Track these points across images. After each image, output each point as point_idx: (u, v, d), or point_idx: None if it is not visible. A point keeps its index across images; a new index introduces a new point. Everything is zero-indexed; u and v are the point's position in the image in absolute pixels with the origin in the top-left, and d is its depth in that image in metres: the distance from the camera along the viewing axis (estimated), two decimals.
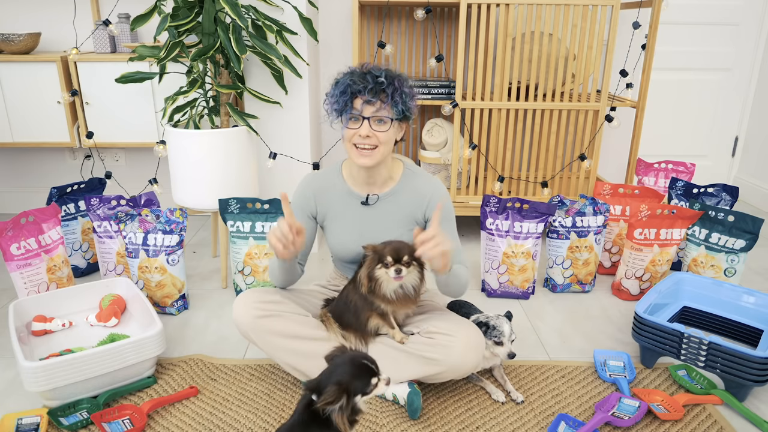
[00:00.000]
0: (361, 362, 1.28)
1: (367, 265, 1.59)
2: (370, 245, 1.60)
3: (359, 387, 1.25)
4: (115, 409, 1.61)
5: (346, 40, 3.09)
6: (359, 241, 1.68)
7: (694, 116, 3.54)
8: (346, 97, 1.57)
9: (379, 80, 1.55)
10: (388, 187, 1.73)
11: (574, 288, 2.40)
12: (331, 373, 1.25)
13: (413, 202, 1.72)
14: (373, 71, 1.57)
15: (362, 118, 1.58)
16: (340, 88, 1.58)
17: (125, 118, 2.74)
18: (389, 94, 1.56)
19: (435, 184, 1.74)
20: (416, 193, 1.72)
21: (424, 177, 1.75)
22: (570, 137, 2.81)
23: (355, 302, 1.65)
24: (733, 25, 3.38)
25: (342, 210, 1.74)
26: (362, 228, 1.72)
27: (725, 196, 2.56)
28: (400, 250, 1.56)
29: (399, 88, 1.58)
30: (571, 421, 1.58)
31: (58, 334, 1.96)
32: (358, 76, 1.57)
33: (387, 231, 1.69)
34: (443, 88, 2.76)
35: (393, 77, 1.58)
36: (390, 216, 1.72)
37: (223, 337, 2.05)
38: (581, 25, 2.58)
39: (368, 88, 1.54)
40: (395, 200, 1.72)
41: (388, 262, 1.55)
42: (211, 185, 2.32)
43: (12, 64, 2.67)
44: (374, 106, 1.57)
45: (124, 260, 2.31)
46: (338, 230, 1.75)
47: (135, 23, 2.21)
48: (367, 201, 1.72)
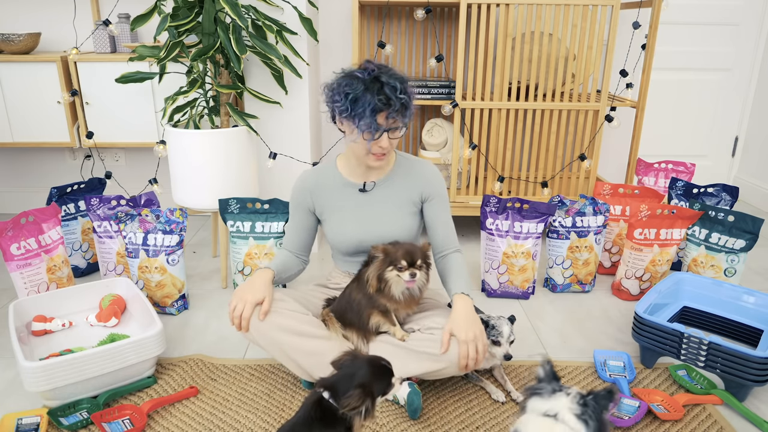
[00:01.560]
0: (380, 364, 1.30)
1: (377, 267, 1.60)
2: (380, 246, 1.61)
3: (381, 388, 1.28)
4: (115, 409, 1.61)
5: (346, 40, 3.09)
6: (359, 229, 1.73)
7: (694, 116, 3.54)
8: (374, 117, 1.57)
9: (399, 96, 1.57)
10: (384, 173, 1.78)
11: (574, 288, 2.40)
12: (351, 376, 1.26)
13: (409, 184, 1.77)
14: (387, 81, 1.57)
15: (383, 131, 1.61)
16: (368, 107, 1.55)
17: (125, 118, 2.74)
18: (407, 106, 1.62)
19: (426, 164, 1.81)
20: (411, 175, 1.78)
21: (415, 160, 1.82)
22: (570, 137, 2.81)
23: (358, 301, 1.65)
24: (733, 25, 3.38)
25: (340, 201, 1.77)
26: (361, 215, 1.76)
27: (725, 196, 2.56)
28: (414, 254, 1.58)
29: (411, 97, 1.63)
30: None
31: (58, 334, 1.96)
32: (377, 91, 1.56)
33: (386, 216, 1.74)
34: (443, 88, 2.77)
35: (405, 87, 1.60)
36: (388, 201, 1.76)
37: (223, 337, 2.05)
38: (581, 25, 2.58)
39: (396, 108, 1.57)
40: (391, 184, 1.77)
41: (402, 266, 1.56)
42: (211, 185, 2.32)
43: (12, 64, 2.67)
44: (393, 120, 1.61)
45: (124, 260, 2.31)
46: (338, 221, 1.78)
47: (135, 23, 2.21)
48: (364, 188, 1.76)
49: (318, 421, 1.23)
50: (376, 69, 1.60)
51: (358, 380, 1.24)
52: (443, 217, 1.79)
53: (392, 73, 1.60)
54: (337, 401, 1.23)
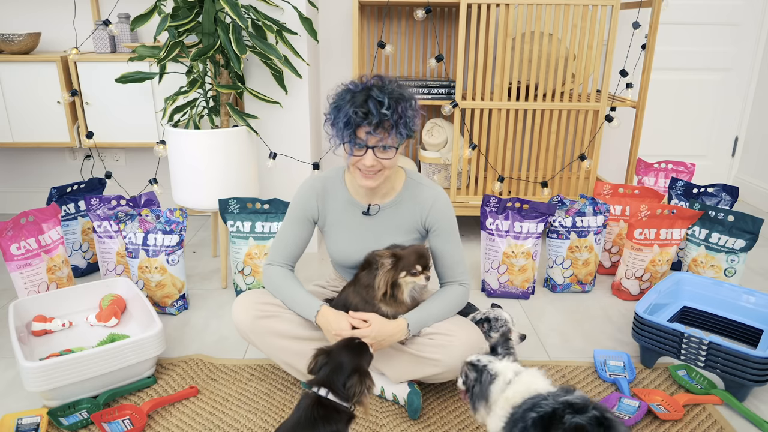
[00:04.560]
0: (354, 343, 1.37)
1: (390, 273, 1.56)
2: (387, 251, 1.57)
3: (368, 362, 1.38)
4: (115, 409, 1.61)
5: (346, 40, 3.09)
6: (359, 251, 1.67)
7: (694, 116, 3.54)
8: (350, 129, 1.48)
9: (383, 112, 1.46)
10: (390, 198, 1.69)
11: (574, 288, 2.40)
12: (339, 367, 1.30)
13: (414, 211, 1.69)
14: (375, 96, 1.46)
15: (366, 147, 1.51)
16: (342, 119, 1.48)
17: (125, 118, 2.74)
18: (393, 123, 1.48)
19: (436, 192, 1.69)
20: (417, 203, 1.68)
21: (425, 186, 1.70)
22: (570, 137, 2.81)
23: (356, 304, 1.65)
24: (733, 25, 3.38)
25: (343, 217, 1.71)
26: (363, 237, 1.70)
27: (725, 196, 2.56)
28: (426, 257, 1.58)
29: (403, 115, 1.50)
30: None
31: (58, 334, 1.96)
32: (359, 104, 1.46)
33: (388, 241, 1.66)
34: (443, 88, 2.76)
35: (397, 102, 1.48)
36: (391, 226, 1.69)
37: (223, 337, 2.05)
38: (581, 25, 2.58)
39: (373, 122, 1.46)
40: (397, 210, 1.69)
41: (416, 271, 1.56)
42: (211, 185, 2.32)
43: (12, 64, 2.67)
44: (378, 136, 1.49)
45: (124, 260, 2.30)
46: (338, 238, 1.73)
47: (135, 23, 2.21)
48: (368, 211, 1.69)
49: (321, 419, 1.24)
50: (374, 81, 1.51)
51: (349, 367, 1.29)
52: (448, 249, 1.69)
53: (388, 89, 1.49)
54: (337, 395, 1.27)
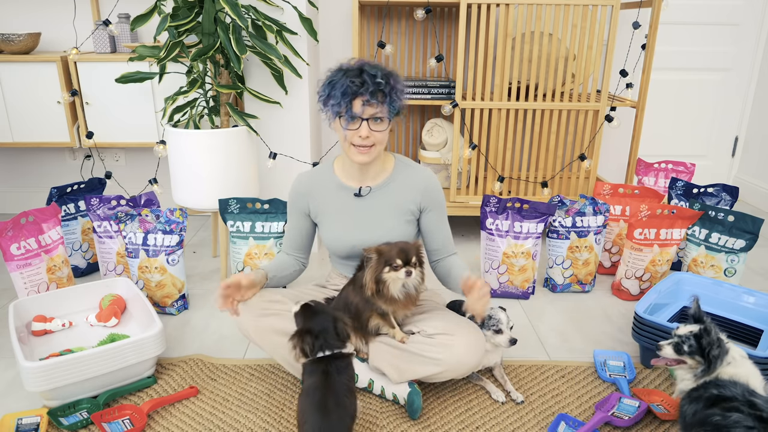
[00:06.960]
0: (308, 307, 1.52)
1: (373, 269, 1.58)
2: (372, 247, 1.59)
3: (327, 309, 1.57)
4: (115, 409, 1.61)
5: (346, 40, 3.09)
6: (354, 234, 1.72)
7: (694, 116, 3.54)
8: (347, 99, 1.57)
9: (377, 81, 1.56)
10: (381, 179, 1.76)
11: (574, 288, 2.40)
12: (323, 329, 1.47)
13: (406, 192, 1.75)
14: (368, 69, 1.58)
15: (361, 120, 1.59)
16: (339, 89, 1.57)
17: (125, 118, 2.74)
18: (387, 93, 1.58)
19: (426, 174, 1.78)
20: (409, 184, 1.75)
21: (415, 167, 1.79)
22: (570, 137, 2.81)
23: (356, 304, 1.65)
24: (733, 25, 3.38)
25: (335, 204, 1.76)
26: (356, 220, 1.75)
27: (725, 196, 2.56)
28: (408, 252, 1.57)
29: (394, 87, 1.60)
30: (571, 421, 1.58)
31: (58, 334, 1.96)
32: (354, 76, 1.57)
33: (381, 222, 1.72)
34: (443, 88, 2.76)
35: (389, 76, 1.60)
36: (383, 207, 1.74)
37: (223, 337, 2.05)
38: (581, 25, 2.58)
39: (369, 90, 1.55)
40: (388, 191, 1.75)
41: (397, 265, 1.55)
42: (211, 185, 2.32)
43: (12, 64, 2.67)
44: (373, 107, 1.58)
45: (124, 260, 2.30)
46: (332, 224, 1.77)
47: (135, 23, 2.21)
48: (360, 193, 1.74)
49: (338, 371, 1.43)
50: (364, 61, 1.62)
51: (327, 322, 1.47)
52: (441, 226, 1.79)
53: (378, 66, 1.60)
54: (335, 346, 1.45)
